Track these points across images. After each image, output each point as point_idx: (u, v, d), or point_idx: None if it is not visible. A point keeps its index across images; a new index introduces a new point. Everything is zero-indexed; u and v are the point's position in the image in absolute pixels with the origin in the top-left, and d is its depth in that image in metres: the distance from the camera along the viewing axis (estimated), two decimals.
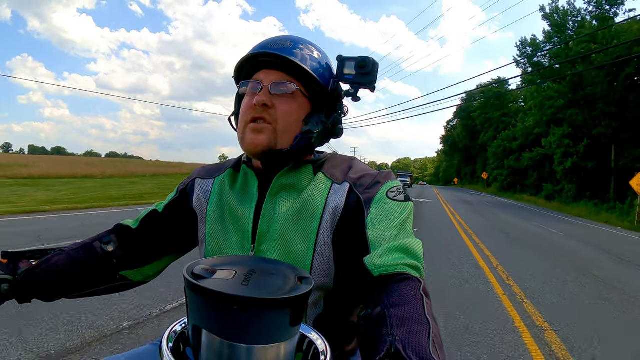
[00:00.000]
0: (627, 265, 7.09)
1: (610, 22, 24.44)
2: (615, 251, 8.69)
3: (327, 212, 0.73)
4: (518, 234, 10.36)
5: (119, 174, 30.54)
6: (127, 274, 0.86)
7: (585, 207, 21.93)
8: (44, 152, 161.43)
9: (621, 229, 14.57)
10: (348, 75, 0.78)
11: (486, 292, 4.54)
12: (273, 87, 0.74)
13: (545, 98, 28.35)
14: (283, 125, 0.73)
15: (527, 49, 29.48)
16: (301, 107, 0.76)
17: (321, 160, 0.81)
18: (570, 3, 28.09)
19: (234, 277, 0.45)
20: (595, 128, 24.22)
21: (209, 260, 0.49)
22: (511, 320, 3.62)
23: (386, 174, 0.77)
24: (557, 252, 7.96)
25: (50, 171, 27.64)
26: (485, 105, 46.64)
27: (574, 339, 3.25)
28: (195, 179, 0.88)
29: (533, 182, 32.13)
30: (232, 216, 0.78)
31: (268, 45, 0.76)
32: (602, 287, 5.24)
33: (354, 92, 0.80)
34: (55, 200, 12.74)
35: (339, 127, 0.82)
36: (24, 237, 6.12)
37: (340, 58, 0.79)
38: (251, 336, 0.41)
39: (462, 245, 7.80)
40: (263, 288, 0.44)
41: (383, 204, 0.70)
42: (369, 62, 0.77)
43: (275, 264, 0.52)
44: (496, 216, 15.44)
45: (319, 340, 0.51)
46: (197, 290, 0.42)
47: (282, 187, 0.76)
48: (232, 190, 0.81)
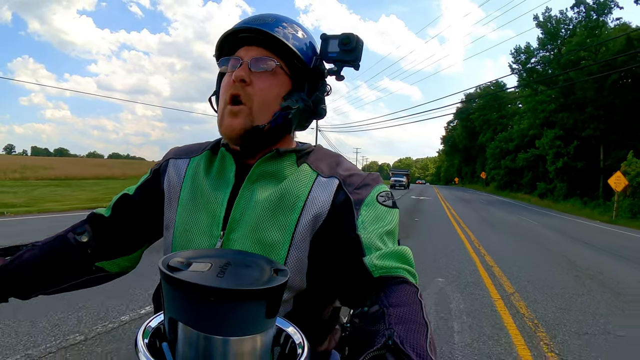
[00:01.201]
0: (577, 243, 9.15)
1: (599, 30, 26.25)
2: (574, 235, 10.77)
3: (310, 204, 0.70)
4: (499, 223, 12.44)
5: (138, 174, 32.19)
6: (104, 264, 0.82)
7: (571, 204, 23.74)
8: (47, 154, 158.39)
9: (599, 222, 16.45)
10: (332, 54, 0.77)
11: (464, 255, 6.49)
12: (253, 63, 0.72)
13: (538, 102, 30.25)
14: (260, 102, 0.72)
15: (521, 55, 31.42)
16: (281, 84, 0.74)
17: (305, 150, 0.79)
18: (563, 12, 30.05)
19: (209, 269, 0.45)
20: (585, 130, 25.87)
21: (184, 253, 0.49)
22: (479, 273, 5.53)
23: (375, 176, 0.76)
24: (526, 234, 10.10)
25: (72, 172, 28.78)
26: (483, 107, 48.40)
27: (529, 285, 5.17)
28: (170, 159, 0.84)
29: (528, 181, 33.94)
30: (204, 200, 0.74)
31: (249, 21, 0.74)
32: (552, 255, 7.24)
33: (337, 70, 0.78)
34: (97, 199, 13.29)
35: (321, 107, 0.79)
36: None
37: (324, 36, 0.78)
38: (227, 328, 0.41)
39: (452, 229, 9.89)
40: (238, 279, 0.44)
41: (373, 208, 0.70)
42: (353, 39, 0.75)
43: (251, 257, 0.51)
44: (487, 211, 17.36)
45: (296, 335, 0.51)
46: (172, 282, 0.42)
47: (262, 175, 0.74)
48: (207, 174, 0.78)
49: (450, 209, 16.33)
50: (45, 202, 11.97)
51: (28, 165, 33.15)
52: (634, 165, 18.29)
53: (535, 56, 31.31)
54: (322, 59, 0.77)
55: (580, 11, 28.50)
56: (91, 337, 2.72)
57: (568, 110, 27.26)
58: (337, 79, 0.80)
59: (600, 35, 25.45)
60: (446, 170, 79.85)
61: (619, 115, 24.19)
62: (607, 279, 5.47)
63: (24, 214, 9.15)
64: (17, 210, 9.49)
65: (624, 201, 18.11)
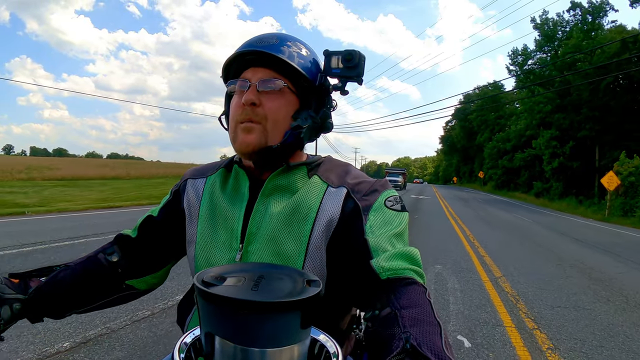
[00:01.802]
0: (565, 238, 9.83)
1: (595, 32, 26.90)
2: (564, 231, 11.47)
3: (321, 215, 0.73)
4: (495, 220, 13.15)
5: (142, 175, 32.80)
6: (133, 282, 0.87)
7: (566, 203, 24.38)
8: (46, 154, 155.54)
9: (592, 220, 17.05)
10: (335, 69, 0.78)
11: (460, 247, 7.16)
12: (260, 84, 0.74)
13: (535, 103, 30.93)
14: (272, 122, 0.74)
15: (518, 57, 32.15)
16: (289, 103, 0.76)
17: (315, 162, 0.82)
18: (560, 15, 30.75)
19: (243, 283, 0.46)
20: (580, 131, 26.43)
21: (217, 268, 0.51)
22: (472, 261, 6.19)
23: (383, 182, 0.79)
24: (518, 230, 10.81)
25: (77, 173, 28.91)
26: (481, 108, 49.03)
27: (515, 271, 5.83)
28: (188, 179, 0.89)
29: (525, 181, 34.64)
30: (222, 216, 0.79)
31: (254, 43, 0.76)
32: (540, 248, 7.92)
33: (341, 85, 0.80)
34: (107, 199, 13.81)
35: (328, 121, 0.82)
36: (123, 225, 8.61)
37: (327, 52, 0.80)
38: (264, 340, 0.42)
39: (449, 226, 10.59)
40: (273, 292, 0.45)
41: (382, 212, 0.73)
42: (355, 55, 0.77)
43: (282, 269, 0.53)
44: (483, 209, 18.08)
45: (329, 342, 0.52)
46: (208, 297, 0.43)
47: (275, 188, 0.77)
48: (223, 190, 0.82)
49: (448, 207, 17.02)
50: (58, 202, 12.22)
51: (33, 166, 33.00)
52: (625, 165, 18.89)
53: (532, 58, 32.06)
54: (326, 74, 0.80)
55: (576, 14, 29.21)
56: (156, 313, 3.35)
57: (564, 111, 27.84)
58: (342, 94, 0.83)
59: (596, 38, 26.11)
60: (444, 170, 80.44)
61: (613, 117, 24.72)
62: (587, 268, 6.12)
63: (43, 213, 9.56)
64: (37, 210, 9.88)
65: (616, 200, 18.64)
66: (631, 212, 17.16)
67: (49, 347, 2.65)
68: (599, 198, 23.24)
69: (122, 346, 2.74)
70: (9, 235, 6.27)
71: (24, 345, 2.64)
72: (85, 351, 2.63)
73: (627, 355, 2.99)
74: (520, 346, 3.01)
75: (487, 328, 3.33)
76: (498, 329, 3.32)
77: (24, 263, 4.58)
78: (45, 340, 2.74)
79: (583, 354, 2.96)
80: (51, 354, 2.56)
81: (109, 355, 2.60)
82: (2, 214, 8.78)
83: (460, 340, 3.04)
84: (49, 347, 2.65)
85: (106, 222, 8.31)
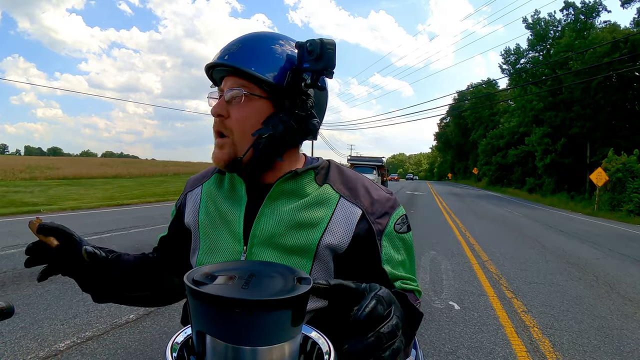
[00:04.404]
0: (551, 229, 10.53)
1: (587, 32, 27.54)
2: (551, 223, 12.21)
3: (333, 226, 0.73)
4: (486, 214, 13.87)
5: (143, 174, 33.22)
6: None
7: (557, 198, 25.09)
8: (41, 153, 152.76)
9: (581, 214, 17.71)
10: (305, 64, 0.70)
11: (453, 237, 7.81)
12: (227, 95, 0.72)
13: (528, 101, 31.61)
14: (239, 133, 0.72)
15: (511, 57, 32.84)
16: (258, 111, 0.72)
17: (321, 166, 0.80)
18: (552, 15, 31.42)
19: (234, 281, 0.46)
20: (572, 128, 26.96)
21: (208, 267, 0.50)
22: (463, 248, 6.83)
23: (392, 202, 0.79)
24: (507, 223, 11.56)
25: (79, 172, 29.05)
26: (475, 105, 49.73)
27: (500, 256, 6.49)
28: (187, 192, 0.89)
29: (518, 177, 35.42)
30: (221, 219, 0.78)
31: (219, 54, 0.73)
32: (526, 238, 8.61)
33: (312, 82, 0.71)
34: (114, 197, 14.10)
35: (311, 122, 0.75)
36: (139, 220, 9.16)
37: (298, 44, 0.71)
38: (254, 338, 0.42)
39: (443, 219, 11.28)
40: (263, 290, 0.45)
41: (392, 240, 0.76)
42: (316, 46, 0.67)
43: (273, 267, 0.52)
44: (475, 204, 18.82)
45: (320, 339, 0.52)
46: (198, 296, 0.43)
47: (283, 193, 0.75)
48: (219, 194, 0.81)
49: (442, 202, 17.76)
50: (65, 200, 12.33)
51: (33, 166, 32.76)
52: (613, 162, 19.58)
53: (525, 57, 32.75)
54: (300, 70, 0.72)
55: (569, 14, 29.85)
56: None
57: (556, 109, 28.41)
58: (318, 89, 0.75)
59: (588, 37, 26.74)
60: (439, 166, 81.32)
61: (604, 114, 25.36)
62: (567, 254, 6.79)
63: (58, 211, 9.80)
64: (51, 208, 10.12)
65: (604, 195, 19.34)
66: (618, 207, 17.84)
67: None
68: (589, 193, 23.81)
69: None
70: (24, 233, 6.58)
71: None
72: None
73: (588, 317, 3.64)
74: (500, 309, 3.68)
75: (473, 297, 4.00)
76: (482, 298, 3.98)
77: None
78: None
79: (551, 315, 3.61)
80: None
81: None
82: (17, 213, 9.00)
83: (451, 304, 3.71)
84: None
85: (126, 218, 8.70)
